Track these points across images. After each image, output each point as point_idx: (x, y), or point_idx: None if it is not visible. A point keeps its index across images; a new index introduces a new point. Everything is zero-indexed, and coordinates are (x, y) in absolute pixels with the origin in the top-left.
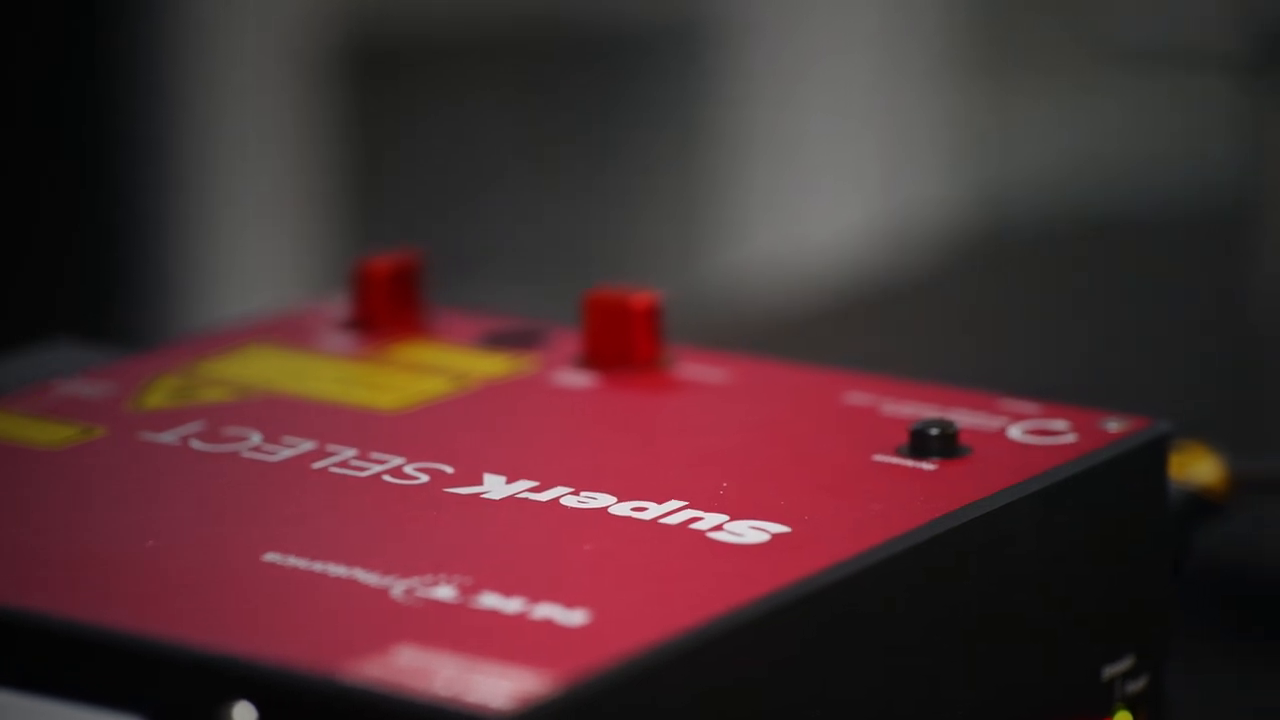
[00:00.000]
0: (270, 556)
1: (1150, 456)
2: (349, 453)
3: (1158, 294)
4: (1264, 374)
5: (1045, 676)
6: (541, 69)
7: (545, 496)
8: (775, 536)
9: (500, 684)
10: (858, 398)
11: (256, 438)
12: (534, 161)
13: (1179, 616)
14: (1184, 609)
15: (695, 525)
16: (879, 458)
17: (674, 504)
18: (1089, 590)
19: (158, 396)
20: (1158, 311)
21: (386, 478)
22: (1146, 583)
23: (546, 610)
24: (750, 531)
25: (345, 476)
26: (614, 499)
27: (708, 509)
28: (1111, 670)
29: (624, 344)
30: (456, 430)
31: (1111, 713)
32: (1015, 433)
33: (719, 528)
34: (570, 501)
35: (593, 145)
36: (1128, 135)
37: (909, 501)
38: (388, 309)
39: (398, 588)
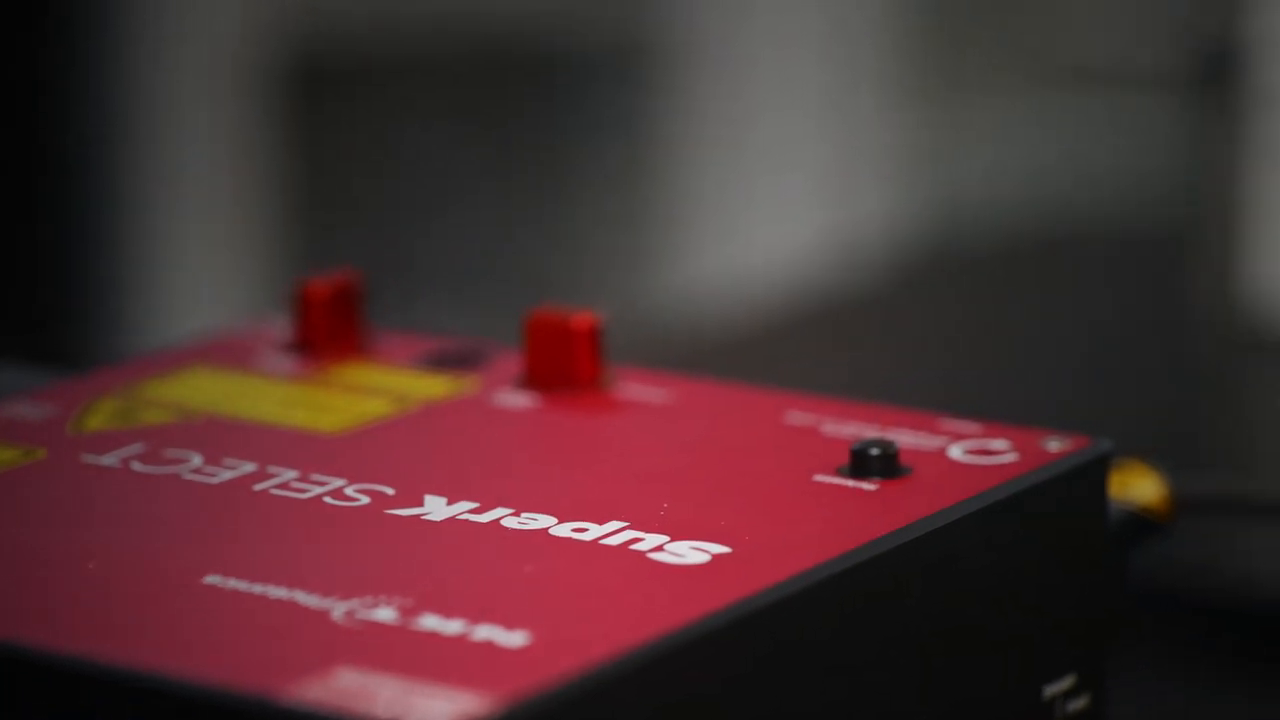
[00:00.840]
0: (211, 578)
1: (1091, 475)
2: (290, 474)
3: (1101, 310)
4: (1205, 391)
5: (986, 696)
6: (486, 88)
7: (486, 518)
8: (716, 557)
9: (441, 705)
10: (798, 418)
11: (197, 460)
12: (479, 181)
13: (1120, 635)
14: (1125, 627)
15: (636, 546)
16: (820, 478)
17: (615, 525)
18: (1030, 609)
19: (99, 418)
20: (1100, 328)
21: (327, 499)
22: (1087, 601)
23: (487, 632)
24: (691, 552)
25: (286, 498)
26: (554, 520)
27: (648, 530)
28: (1052, 689)
29: (565, 364)
30: (397, 452)
31: None
32: (956, 452)
33: (660, 548)
34: (511, 523)
35: (539, 164)
36: (1073, 153)
37: (849, 522)
38: (328, 330)
39: (338, 609)
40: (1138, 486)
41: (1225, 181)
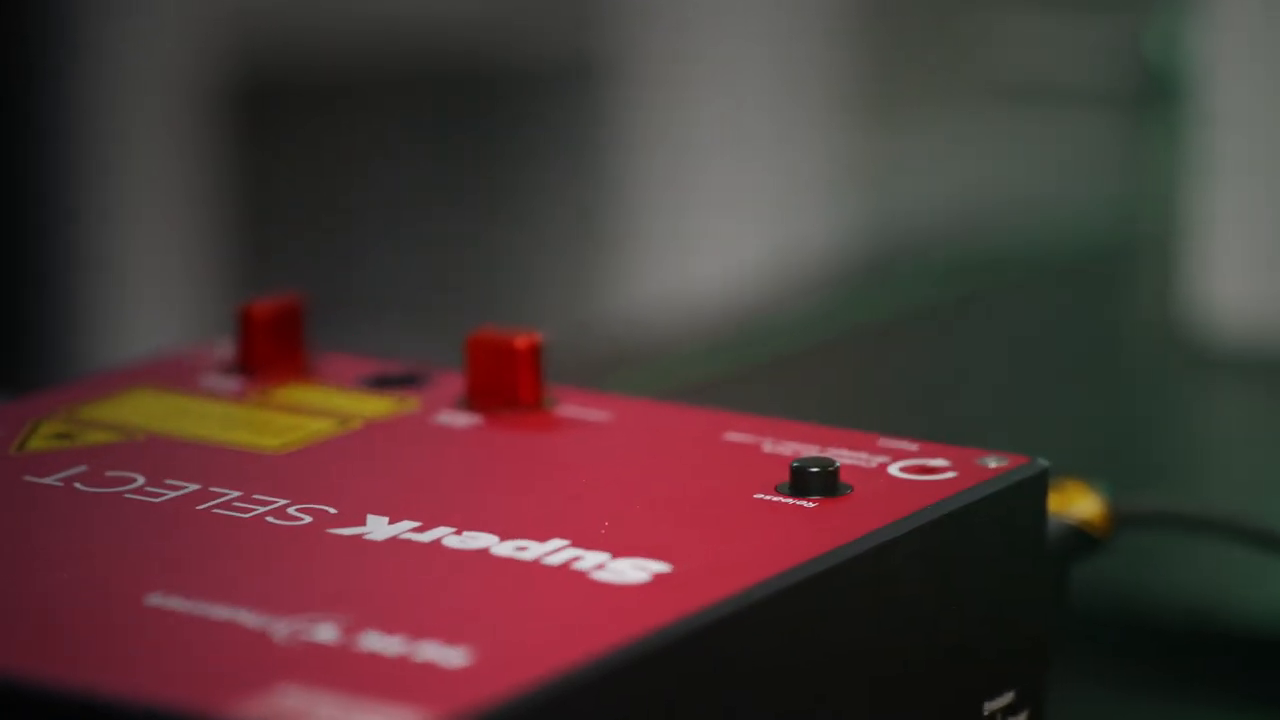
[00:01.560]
0: (153, 598)
1: (1029, 493)
2: (232, 494)
3: (1042, 328)
4: (1147, 408)
5: (926, 713)
6: (433, 107)
7: (427, 537)
8: (656, 576)
9: None
10: (738, 437)
11: (140, 480)
12: (426, 200)
13: (1059, 650)
14: (1063, 643)
15: (577, 565)
16: (760, 496)
17: (555, 543)
18: (970, 626)
19: (42, 439)
20: (1041, 345)
21: (270, 519)
22: (1026, 617)
23: (428, 650)
24: (631, 571)
25: (228, 518)
26: (496, 538)
27: (589, 548)
28: (992, 705)
29: (506, 384)
30: (339, 471)
31: None
32: (895, 470)
33: (600, 567)
34: (452, 542)
35: (486, 183)
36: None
37: (789, 540)
38: (271, 352)
39: (280, 628)
40: (1077, 504)
41: (1167, 199)
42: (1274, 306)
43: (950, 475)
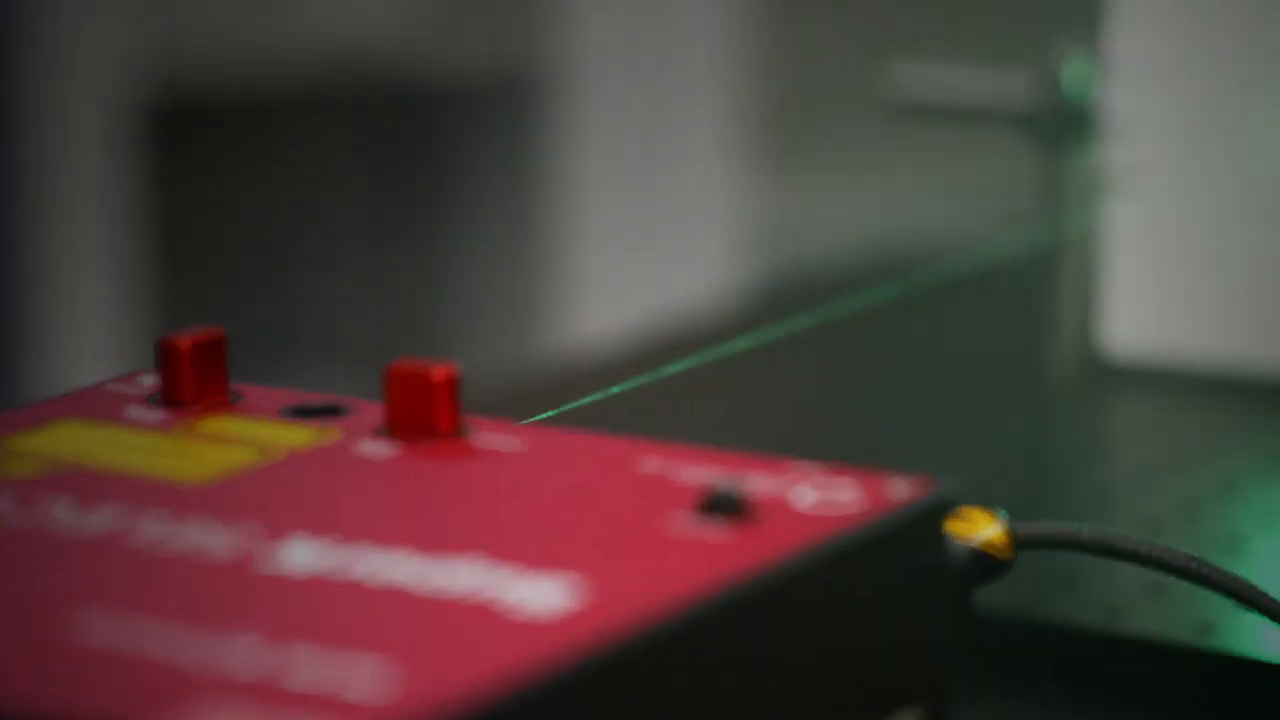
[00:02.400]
0: (73, 629)
1: (935, 516)
2: (154, 524)
3: (952, 350)
4: (1057, 428)
5: None
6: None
7: (343, 567)
8: (566, 607)
9: None
10: (652, 465)
11: (63, 511)
12: (352, 227)
13: (961, 674)
14: (965, 666)
15: (488, 596)
16: (670, 525)
17: (468, 574)
18: (874, 650)
19: None
20: (951, 367)
21: (188, 548)
22: (930, 641)
23: (340, 682)
24: (542, 601)
25: (149, 548)
26: (410, 569)
27: (501, 579)
28: None
29: (424, 415)
30: (260, 501)
31: None
32: (802, 497)
33: (512, 598)
34: (367, 572)
35: (413, 209)
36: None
37: (699, 569)
38: (193, 384)
39: (191, 659)
40: (978, 527)
41: (1077, 218)
42: (1176, 329)
43: (856, 501)
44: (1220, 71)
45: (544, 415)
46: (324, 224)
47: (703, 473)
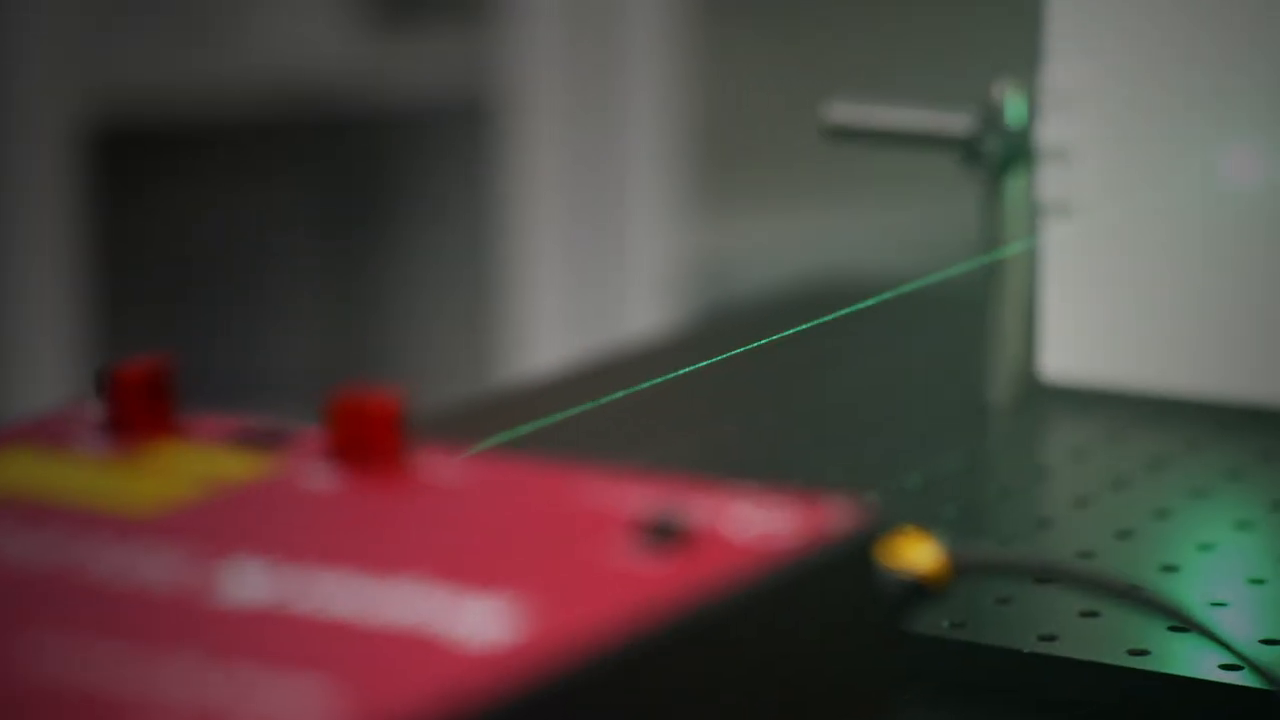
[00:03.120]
0: (13, 662)
1: (869, 544)
2: (100, 555)
3: (893, 383)
4: (991, 453)
5: None
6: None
7: (287, 597)
8: (505, 638)
9: None
10: (592, 492)
11: (8, 541)
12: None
13: (897, 700)
14: (901, 693)
15: (429, 626)
16: (610, 555)
17: (408, 604)
18: (810, 677)
19: None
20: (890, 392)
21: (135, 580)
22: (865, 667)
23: (283, 713)
24: (481, 633)
25: (96, 579)
26: (352, 600)
27: (441, 610)
28: None
29: (367, 445)
30: (203, 531)
31: None
32: (740, 525)
33: (452, 629)
34: (310, 602)
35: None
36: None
37: (636, 600)
38: (140, 413)
39: (138, 689)
40: (914, 552)
41: (1016, 245)
42: (1113, 354)
43: (791, 527)
44: (1155, 103)
45: (489, 442)
46: (273, 251)
47: (644, 500)
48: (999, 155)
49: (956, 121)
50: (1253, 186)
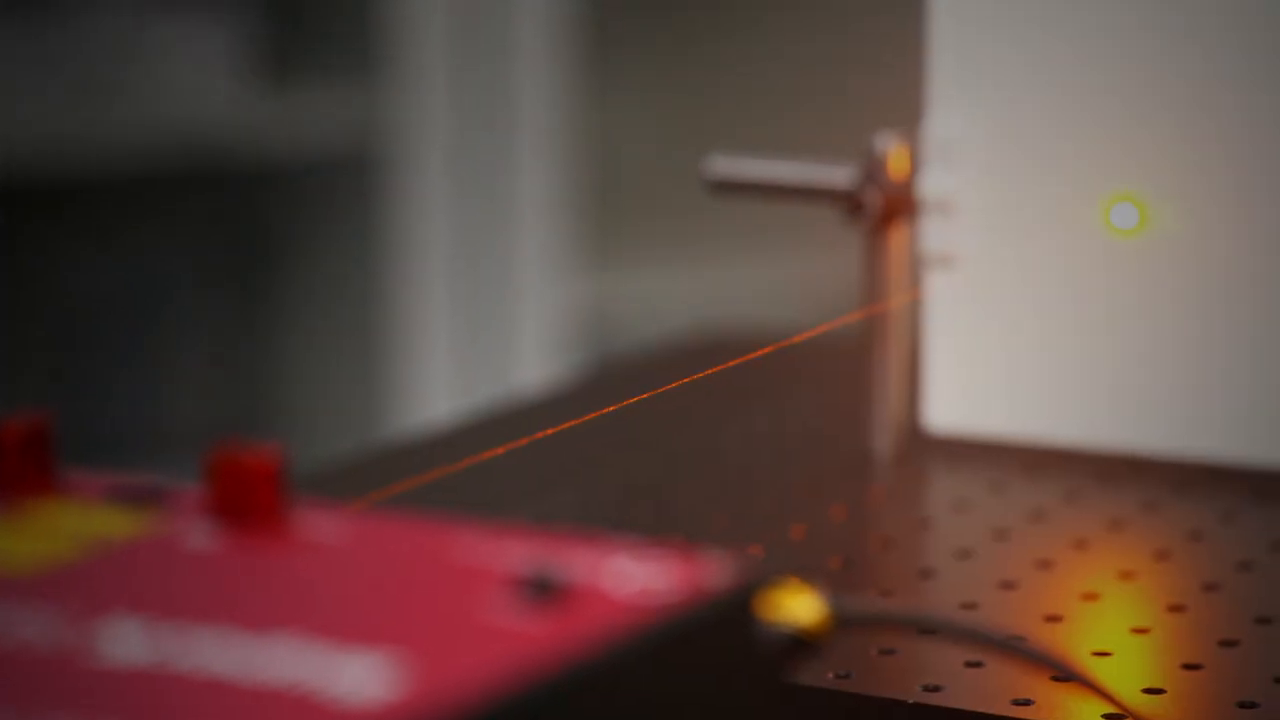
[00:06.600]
0: None
1: (749, 598)
2: None
3: (777, 435)
4: (874, 504)
5: None
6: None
7: (164, 656)
8: (381, 697)
9: None
10: (471, 547)
11: None
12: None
13: None
14: None
15: (305, 685)
16: (487, 611)
17: (285, 663)
18: None
19: None
20: (775, 452)
21: (12, 640)
22: (745, 717)
23: None
24: (358, 692)
25: None
26: (229, 658)
27: (318, 668)
28: None
29: (246, 501)
30: (80, 591)
31: None
32: (618, 581)
33: (328, 687)
34: (187, 661)
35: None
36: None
37: (511, 657)
38: (19, 471)
39: None
40: (794, 604)
41: (899, 297)
42: (995, 405)
43: (670, 582)
44: (1036, 154)
45: (372, 496)
46: (160, 304)
47: (522, 555)
48: (880, 207)
49: (838, 174)
50: (1133, 237)
